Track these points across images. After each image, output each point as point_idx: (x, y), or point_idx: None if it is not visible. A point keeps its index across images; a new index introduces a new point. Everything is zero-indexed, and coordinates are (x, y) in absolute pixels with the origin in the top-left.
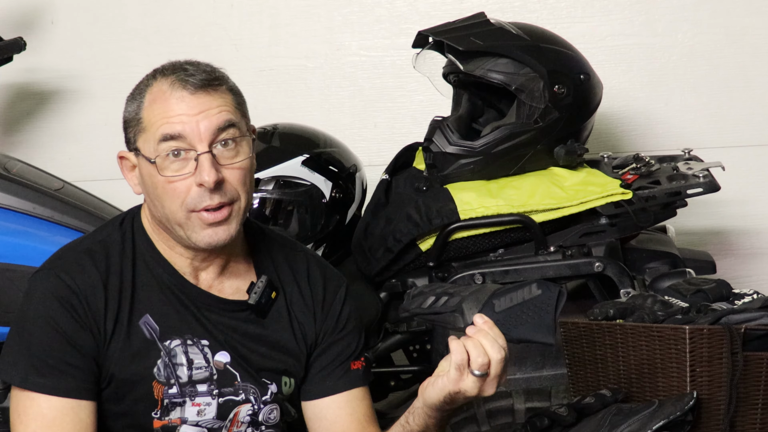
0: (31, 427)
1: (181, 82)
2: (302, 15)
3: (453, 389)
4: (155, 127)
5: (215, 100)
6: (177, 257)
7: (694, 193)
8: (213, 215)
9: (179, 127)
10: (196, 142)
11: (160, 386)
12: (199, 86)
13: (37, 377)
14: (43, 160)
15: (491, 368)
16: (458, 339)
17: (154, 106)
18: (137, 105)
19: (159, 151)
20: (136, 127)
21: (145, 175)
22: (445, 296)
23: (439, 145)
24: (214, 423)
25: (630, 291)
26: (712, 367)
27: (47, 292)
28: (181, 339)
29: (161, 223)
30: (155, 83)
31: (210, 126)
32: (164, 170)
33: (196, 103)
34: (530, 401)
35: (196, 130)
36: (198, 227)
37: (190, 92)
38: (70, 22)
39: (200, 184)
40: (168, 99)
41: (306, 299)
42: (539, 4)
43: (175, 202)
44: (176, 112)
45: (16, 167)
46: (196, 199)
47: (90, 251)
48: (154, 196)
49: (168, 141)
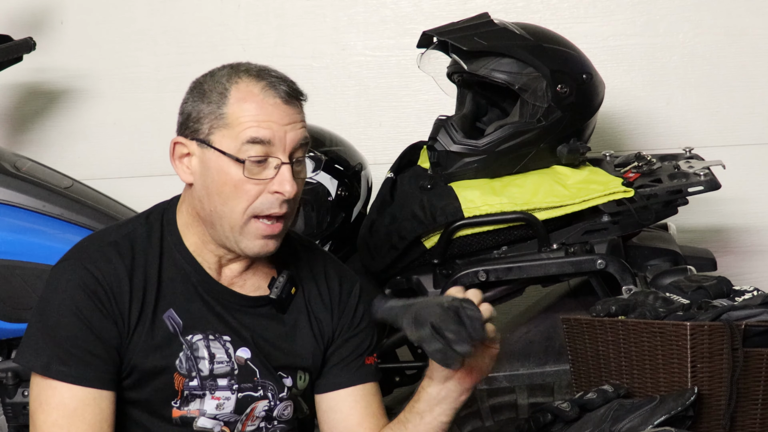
0: (53, 416)
1: (273, 88)
2: (308, 15)
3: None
4: (243, 127)
5: (299, 114)
6: (207, 253)
7: (695, 191)
8: (271, 228)
9: (269, 134)
10: (279, 152)
11: (181, 378)
12: (289, 95)
13: (60, 365)
14: (52, 158)
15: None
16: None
17: (245, 105)
18: (219, 99)
19: (248, 152)
20: (216, 120)
21: (213, 168)
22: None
23: (443, 143)
24: (230, 417)
25: (632, 288)
26: (713, 363)
27: (73, 282)
28: (203, 334)
29: (204, 219)
30: (242, 82)
31: (295, 138)
32: (247, 170)
33: (287, 113)
34: (533, 397)
35: (283, 139)
36: (253, 236)
37: (283, 101)
38: (79, 22)
39: (277, 192)
40: (262, 102)
41: (324, 297)
42: (542, 4)
43: (241, 203)
44: (270, 117)
45: (26, 165)
46: (266, 205)
47: (116, 244)
48: (217, 191)
49: (256, 144)
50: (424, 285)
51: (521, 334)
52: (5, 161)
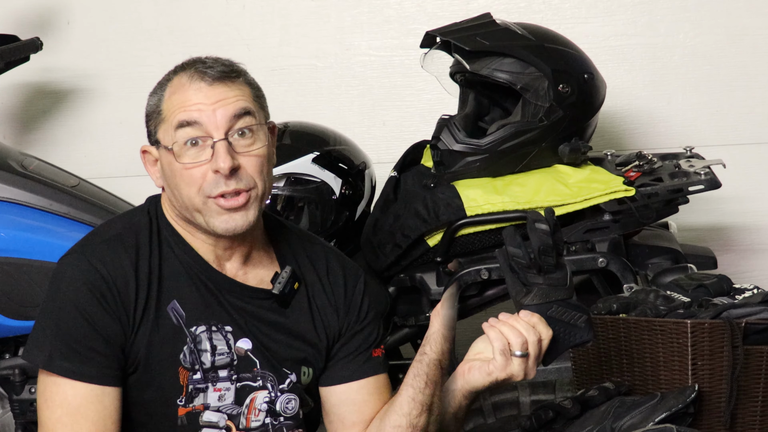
0: (57, 413)
1: (200, 74)
2: (313, 16)
3: (501, 375)
4: (173, 116)
5: (232, 90)
6: (200, 244)
7: (696, 190)
8: (229, 201)
9: (196, 115)
10: (212, 130)
11: (186, 372)
12: (216, 78)
13: (62, 360)
14: (59, 157)
15: (530, 348)
16: (492, 325)
17: (173, 98)
18: (158, 98)
19: (176, 138)
20: (156, 119)
21: (164, 164)
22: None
23: (446, 143)
24: (232, 408)
25: (633, 286)
26: (714, 360)
27: (77, 277)
28: (206, 325)
29: (181, 213)
30: (175, 77)
31: (226, 114)
32: (181, 157)
33: (214, 93)
34: (535, 394)
35: (212, 118)
36: (215, 213)
37: (207, 83)
38: (85, 22)
39: (216, 170)
40: (186, 90)
41: (327, 293)
42: (544, 4)
43: (192, 188)
44: (193, 101)
45: (33, 164)
46: (212, 185)
47: (121, 236)
48: (173, 184)
49: (184, 127)
50: (427, 283)
51: None
52: (12, 160)
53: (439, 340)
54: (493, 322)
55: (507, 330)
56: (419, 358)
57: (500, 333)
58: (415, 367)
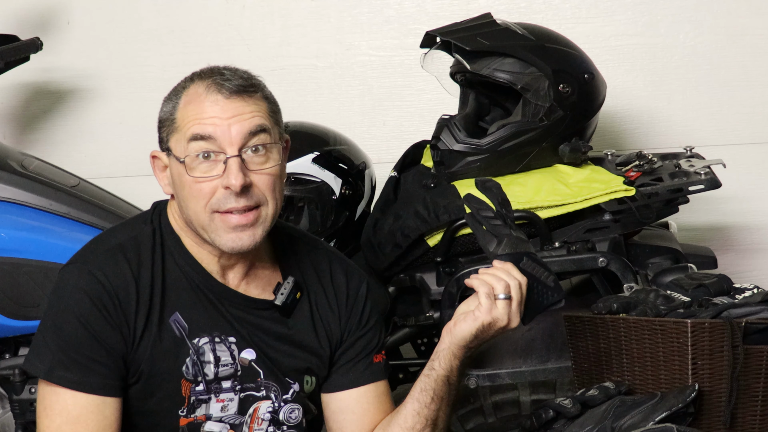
0: (56, 422)
1: (217, 86)
2: (313, 16)
3: (486, 319)
4: (187, 128)
5: (249, 105)
6: (205, 255)
7: (696, 189)
8: (238, 218)
9: (210, 129)
10: (226, 146)
11: (188, 384)
12: (234, 91)
13: (63, 371)
14: (59, 157)
15: (512, 291)
16: (475, 277)
17: (189, 108)
18: (172, 105)
19: (188, 151)
20: (170, 126)
21: (174, 174)
22: (500, 221)
23: (446, 142)
24: (236, 418)
25: (633, 286)
26: (714, 360)
27: (79, 288)
28: (209, 336)
29: (188, 223)
30: (192, 85)
31: (241, 130)
32: (192, 170)
33: (230, 107)
34: (535, 393)
35: (227, 133)
36: (221, 230)
37: (225, 96)
38: (85, 22)
39: (227, 186)
40: (202, 101)
41: (330, 300)
42: (544, 5)
43: (199, 202)
44: (209, 114)
45: (33, 164)
46: (222, 200)
47: (122, 247)
48: (181, 196)
49: (198, 141)
50: (428, 283)
51: (523, 332)
52: (12, 160)
53: (448, 357)
54: (474, 276)
55: (489, 277)
56: (427, 372)
57: (484, 280)
58: (422, 382)
